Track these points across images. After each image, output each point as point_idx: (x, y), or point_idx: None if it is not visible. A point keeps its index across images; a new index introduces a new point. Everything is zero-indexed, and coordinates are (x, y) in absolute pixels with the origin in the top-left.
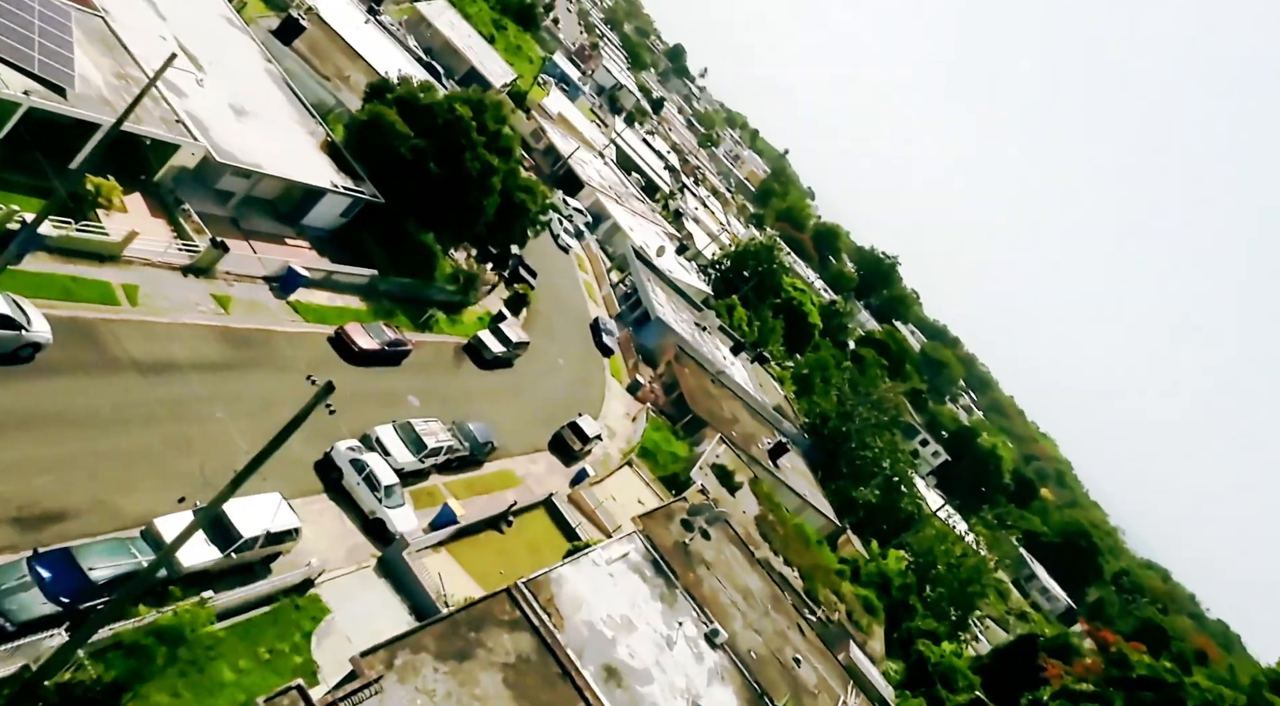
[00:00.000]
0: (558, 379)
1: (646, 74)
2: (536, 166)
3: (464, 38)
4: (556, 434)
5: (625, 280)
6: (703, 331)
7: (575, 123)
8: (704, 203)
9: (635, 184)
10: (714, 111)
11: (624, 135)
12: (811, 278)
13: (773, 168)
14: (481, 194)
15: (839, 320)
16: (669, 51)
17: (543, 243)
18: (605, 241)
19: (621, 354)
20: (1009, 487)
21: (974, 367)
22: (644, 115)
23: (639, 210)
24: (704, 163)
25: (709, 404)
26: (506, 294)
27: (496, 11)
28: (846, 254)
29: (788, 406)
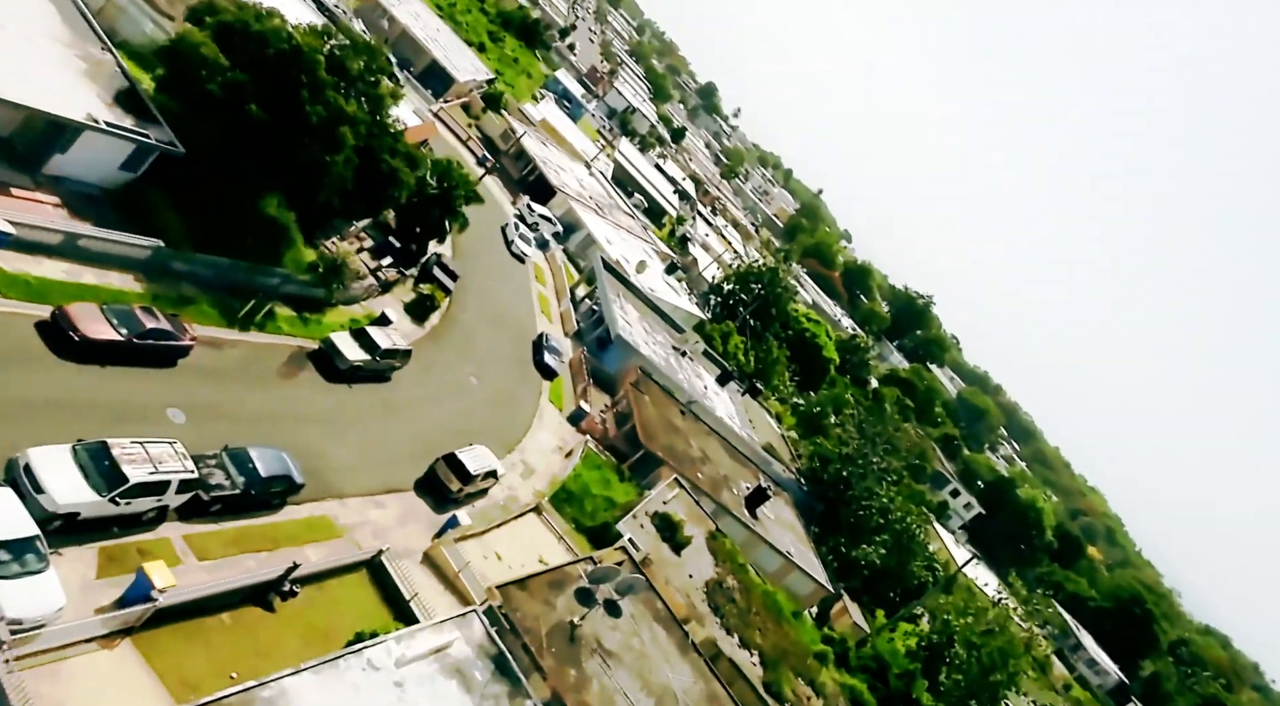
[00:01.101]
0: (462, 401)
1: (671, 107)
2: (503, 169)
3: (430, 31)
4: (430, 469)
5: (593, 296)
6: (681, 357)
7: (565, 133)
8: (720, 232)
9: (637, 205)
10: (745, 149)
11: (628, 155)
12: (839, 315)
13: (803, 206)
14: (325, 149)
15: (860, 356)
16: (700, 89)
17: (494, 249)
18: (578, 254)
19: (571, 377)
20: (1052, 545)
21: (1016, 417)
22: (660, 142)
23: (625, 225)
24: (726, 195)
25: (671, 439)
26: (410, 297)
27: (496, 24)
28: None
29: (785, 447)
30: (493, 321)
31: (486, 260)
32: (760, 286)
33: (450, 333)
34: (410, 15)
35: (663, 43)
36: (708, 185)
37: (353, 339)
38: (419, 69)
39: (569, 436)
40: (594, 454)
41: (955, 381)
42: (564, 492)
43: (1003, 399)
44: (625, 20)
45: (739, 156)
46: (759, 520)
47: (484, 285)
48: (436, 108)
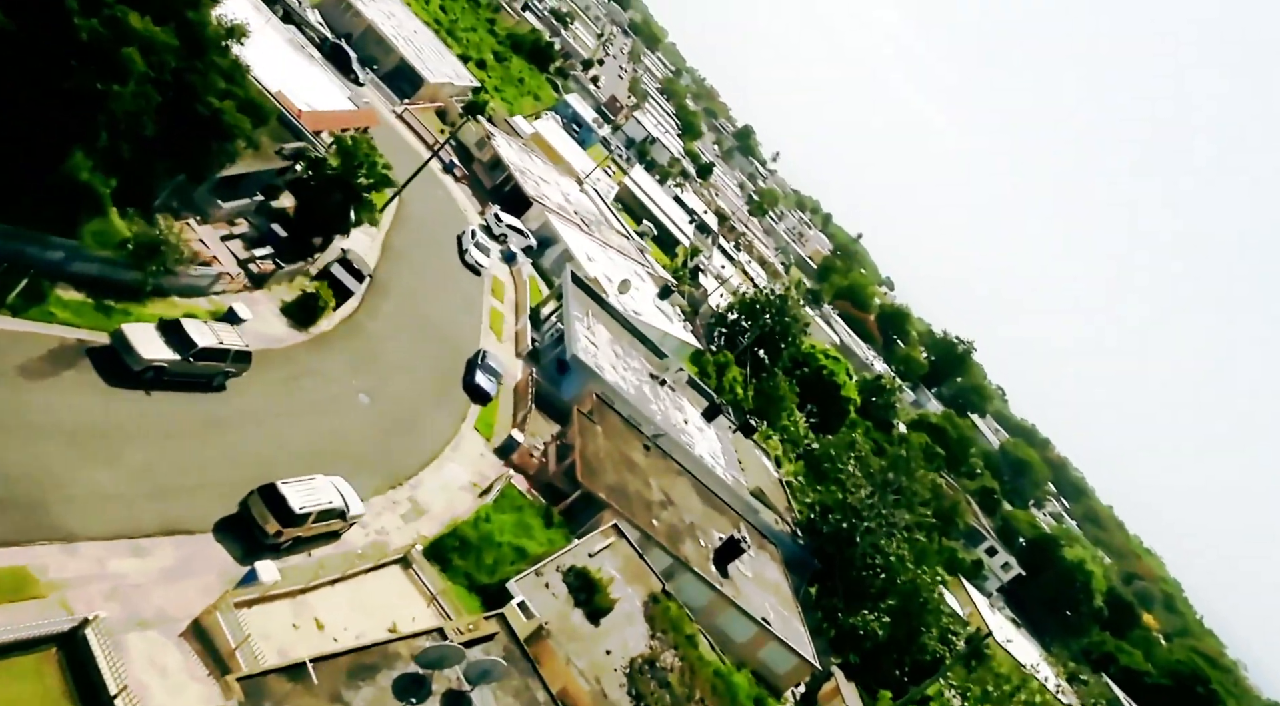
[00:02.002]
0: (334, 421)
1: (702, 144)
2: (475, 177)
3: (403, 31)
4: (242, 505)
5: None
6: (660, 385)
7: (561, 150)
8: (742, 268)
9: (645, 231)
10: (783, 193)
11: (640, 181)
12: (871, 359)
13: (839, 248)
14: (102, 76)
15: (885, 398)
16: (737, 132)
17: (443, 256)
18: (554, 270)
19: (514, 402)
20: (1102, 612)
21: (1065, 472)
22: (684, 175)
23: (615, 244)
24: (755, 232)
25: (623, 478)
26: (293, 295)
27: (504, 45)
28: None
29: (782, 493)
30: (416, 333)
31: (429, 267)
32: (769, 315)
33: (346, 341)
34: (382, 14)
35: (702, 87)
36: (734, 221)
37: (158, 333)
38: (386, 68)
39: (493, 471)
40: (517, 493)
41: (999, 433)
42: (456, 540)
43: (1050, 453)
44: (662, 62)
45: (773, 197)
46: (729, 579)
47: (415, 292)
48: (400, 108)
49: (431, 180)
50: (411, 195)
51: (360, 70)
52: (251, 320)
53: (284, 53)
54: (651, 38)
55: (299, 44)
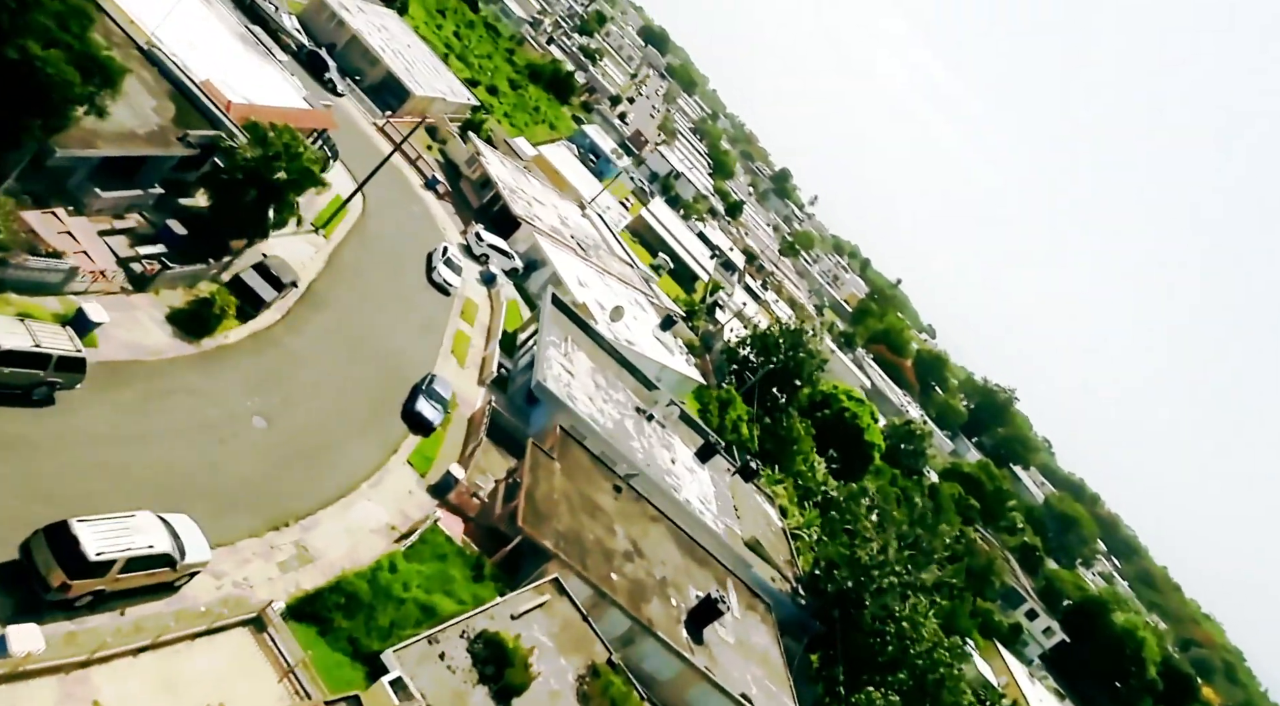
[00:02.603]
0: (207, 449)
1: (734, 184)
2: (461, 195)
3: (397, 45)
4: (24, 546)
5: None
6: (647, 421)
7: (567, 175)
8: (768, 307)
9: (661, 264)
10: (821, 237)
11: (659, 214)
12: (905, 404)
13: (875, 291)
14: None
15: (915, 444)
16: (774, 175)
17: (406, 273)
18: (541, 294)
19: (467, 434)
20: (1156, 683)
21: (1116, 530)
22: (710, 211)
23: (615, 270)
24: (786, 272)
25: (580, 524)
26: (187, 300)
27: (522, 75)
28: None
29: (784, 545)
30: (350, 352)
31: (385, 283)
32: (783, 351)
33: (251, 356)
34: (371, 26)
35: (740, 131)
36: (763, 260)
37: None
38: (372, 81)
39: (423, 512)
40: (443, 539)
41: (1044, 487)
42: (342, 595)
43: (1100, 509)
44: (699, 106)
45: (808, 240)
46: (704, 646)
47: (360, 309)
48: (381, 121)
49: (408, 195)
50: (381, 208)
51: (339, 80)
52: (115, 325)
53: (228, 45)
54: (689, 82)
55: (253, 41)
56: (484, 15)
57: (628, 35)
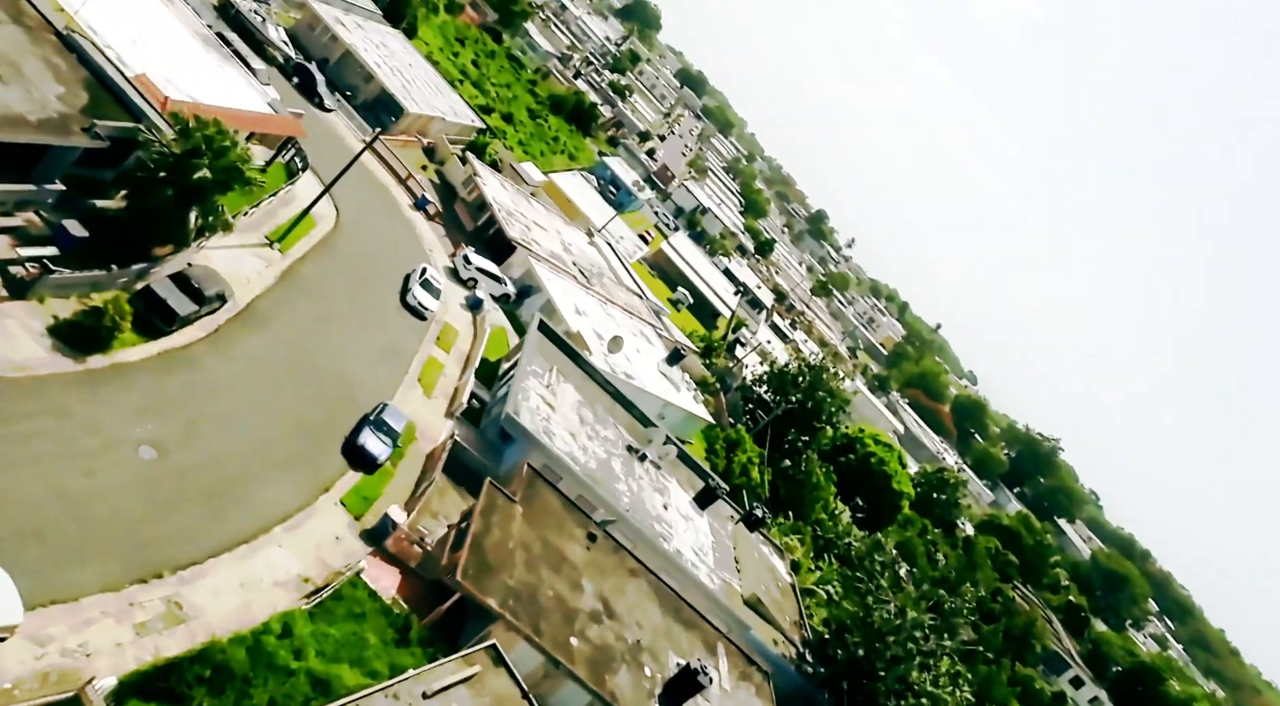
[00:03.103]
0: (59, 481)
1: (766, 223)
2: (455, 217)
3: (397, 63)
4: None
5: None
6: (639, 461)
7: (578, 202)
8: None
9: (680, 299)
10: (858, 280)
11: (681, 248)
12: (941, 451)
13: (912, 334)
14: None
15: (949, 494)
16: (810, 216)
17: (376, 294)
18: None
19: (423, 472)
20: None
21: (1169, 589)
22: (738, 249)
23: (621, 300)
24: (818, 313)
25: (539, 578)
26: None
27: (543, 106)
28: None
29: (793, 603)
30: (287, 377)
31: (347, 304)
32: (802, 389)
33: (154, 377)
34: (369, 42)
35: (777, 173)
36: (793, 299)
37: None
38: (366, 97)
39: (349, 559)
40: (365, 593)
41: (1091, 541)
42: (206, 666)
43: (1151, 567)
44: (735, 147)
45: (844, 281)
46: None
47: (310, 330)
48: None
49: (393, 215)
50: (358, 226)
51: (328, 94)
52: None
53: (184, 44)
54: (725, 123)
55: (217, 43)
56: (507, 47)
57: (663, 76)
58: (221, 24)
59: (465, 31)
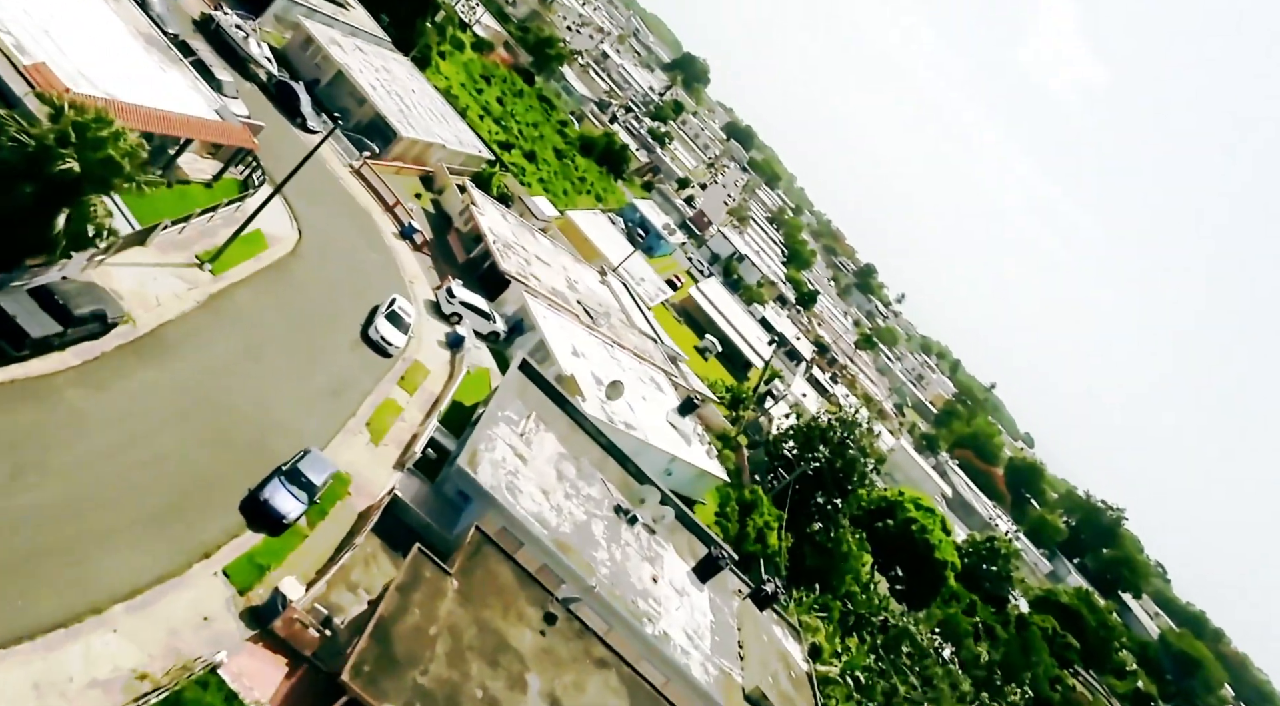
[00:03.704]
0: None
1: (810, 274)
2: (446, 248)
3: (398, 87)
4: None
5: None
6: (628, 524)
7: (595, 241)
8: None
9: (707, 347)
10: (904, 334)
11: (712, 294)
12: (994, 517)
13: (963, 392)
14: None
15: (1000, 564)
16: (859, 270)
17: (334, 328)
18: None
19: (350, 534)
20: None
21: (1246, 674)
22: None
23: (629, 342)
24: (862, 367)
25: (462, 675)
26: None
27: (571, 146)
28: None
29: (805, 698)
30: (185, 419)
31: (290, 336)
32: (834, 443)
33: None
34: (366, 65)
35: (825, 227)
36: (835, 352)
37: None
38: (360, 121)
39: (215, 647)
40: (220, 697)
41: (1159, 618)
42: None
43: (1226, 648)
44: (781, 199)
45: (892, 336)
46: None
47: (230, 364)
48: (358, 162)
49: (371, 242)
50: (324, 252)
51: (312, 115)
52: None
53: (118, 41)
54: (772, 176)
55: (163, 45)
56: (539, 88)
57: (709, 128)
58: (199, 38)
59: (493, 70)
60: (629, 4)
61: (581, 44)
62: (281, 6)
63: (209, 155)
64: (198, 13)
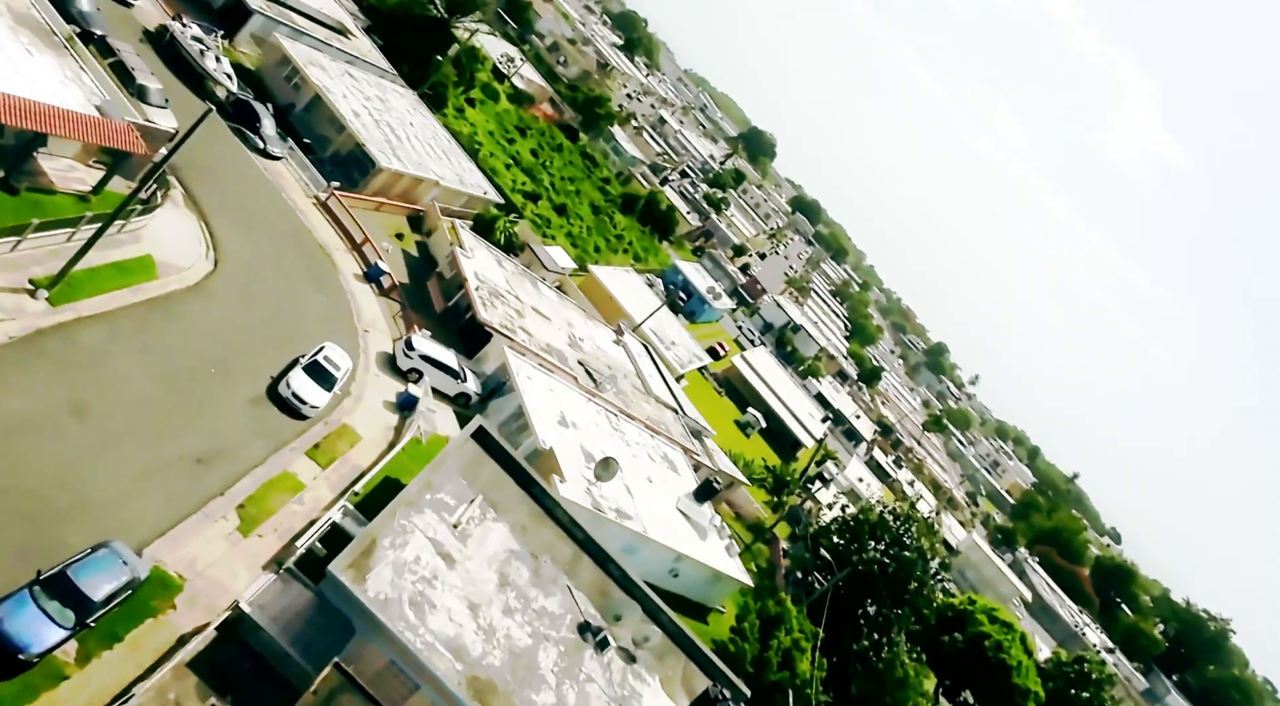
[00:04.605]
0: None
1: (875, 350)
2: (423, 294)
3: (392, 118)
4: None
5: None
6: (597, 650)
7: (620, 299)
8: (900, 489)
9: (749, 421)
10: (978, 417)
11: (758, 364)
12: (1081, 627)
13: (1043, 482)
14: None
15: (1092, 692)
16: (929, 348)
17: (230, 381)
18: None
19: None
20: None
21: None
22: (839, 374)
23: (642, 412)
24: (930, 451)
25: None
26: None
27: (612, 204)
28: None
29: None
30: None
31: (149, 388)
32: (889, 539)
33: None
34: (353, 91)
35: (895, 304)
36: (900, 434)
37: None
38: (340, 151)
39: None
40: None
41: None
42: None
43: None
44: (848, 273)
45: (965, 419)
46: None
47: (27, 421)
48: (324, 193)
49: (323, 282)
50: (244, 286)
51: (275, 139)
52: None
53: None
54: (839, 250)
55: (45, 31)
56: (582, 145)
57: (772, 199)
58: (149, 51)
59: (531, 123)
60: (700, 83)
61: (639, 109)
62: (260, 25)
63: (99, 164)
64: (155, 24)
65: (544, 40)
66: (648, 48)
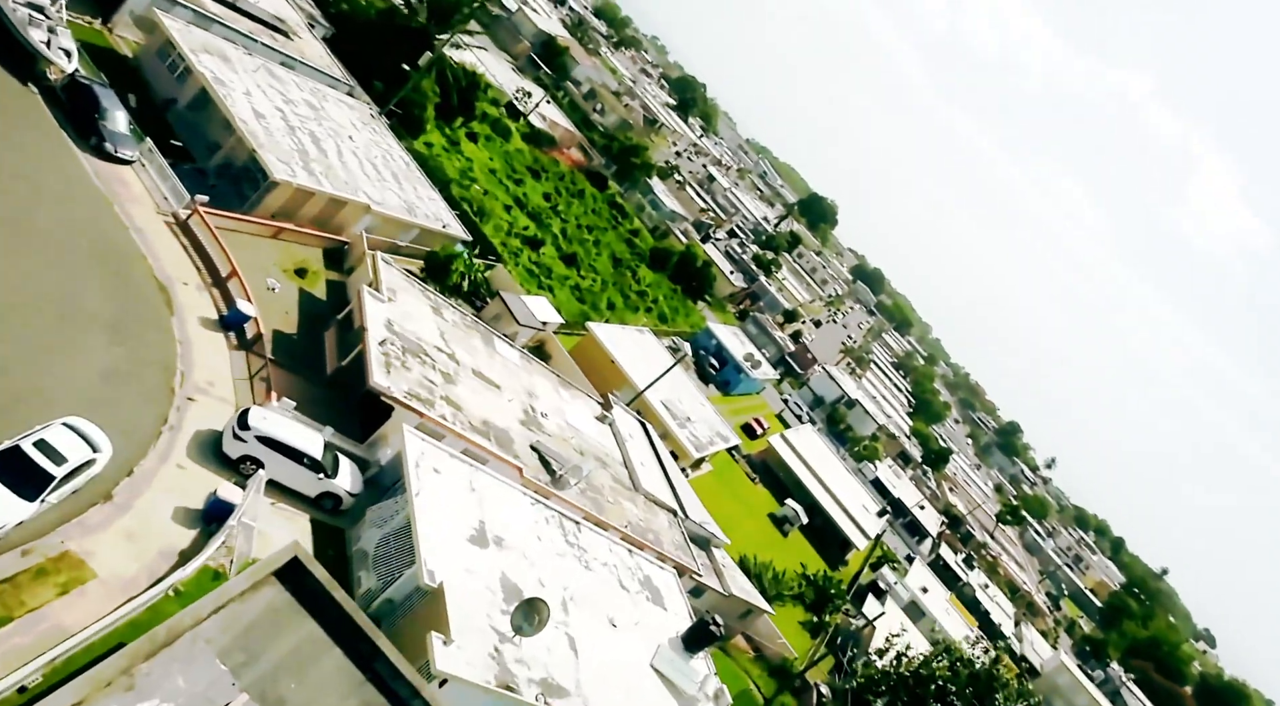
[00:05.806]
0: None
1: (944, 431)
2: (316, 353)
3: (322, 129)
4: None
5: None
6: None
7: (623, 365)
8: (971, 594)
9: (788, 515)
10: (1054, 504)
11: (802, 446)
12: None
13: (1134, 582)
14: None
15: None
16: (1001, 428)
17: None
18: (373, 555)
19: None
20: None
21: None
22: (898, 454)
23: (618, 517)
24: (1004, 544)
25: None
26: None
27: (635, 258)
28: None
29: None
30: None
31: None
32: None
33: None
34: (261, 87)
35: (963, 380)
36: (970, 525)
37: None
38: (227, 158)
39: None
40: None
41: None
42: None
43: None
44: (912, 345)
45: (1042, 507)
46: None
47: None
48: (183, 209)
49: (129, 328)
50: None
51: (124, 137)
52: None
53: None
54: (903, 322)
55: None
56: (610, 194)
57: (832, 266)
58: None
59: (549, 166)
60: (761, 151)
61: (687, 167)
62: (145, 4)
63: None
64: None
65: (579, 87)
66: (704, 111)
